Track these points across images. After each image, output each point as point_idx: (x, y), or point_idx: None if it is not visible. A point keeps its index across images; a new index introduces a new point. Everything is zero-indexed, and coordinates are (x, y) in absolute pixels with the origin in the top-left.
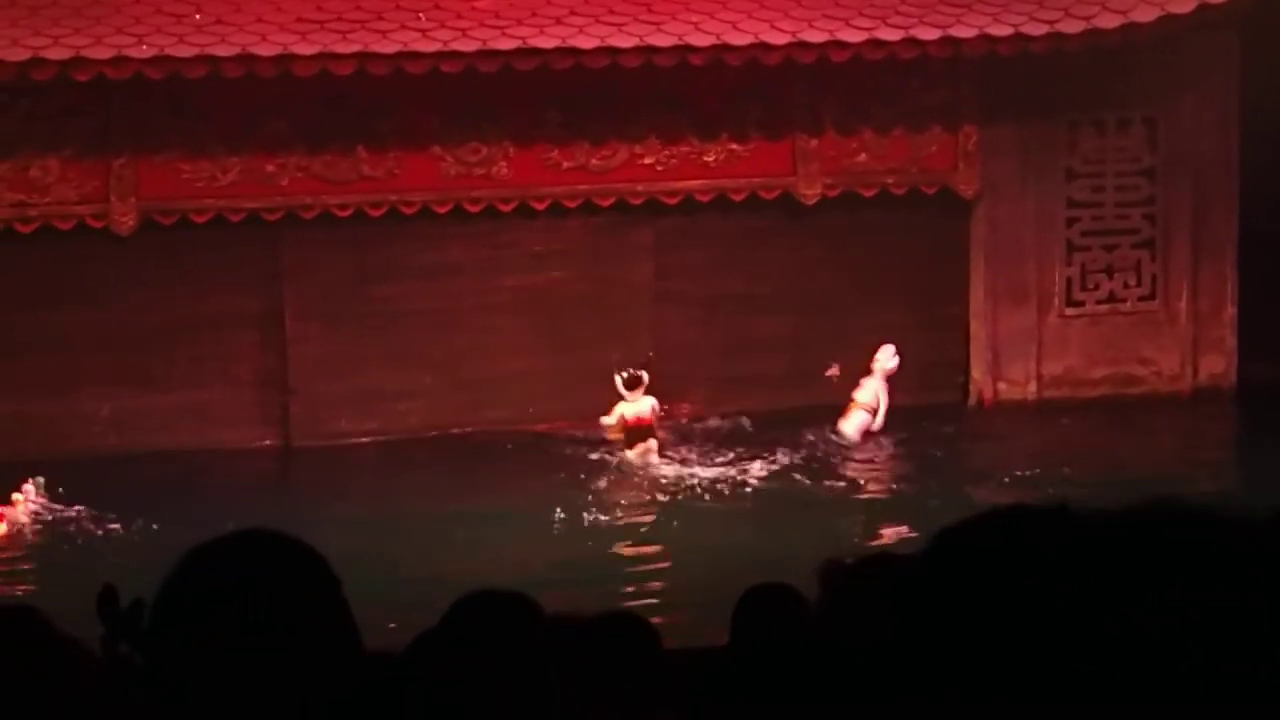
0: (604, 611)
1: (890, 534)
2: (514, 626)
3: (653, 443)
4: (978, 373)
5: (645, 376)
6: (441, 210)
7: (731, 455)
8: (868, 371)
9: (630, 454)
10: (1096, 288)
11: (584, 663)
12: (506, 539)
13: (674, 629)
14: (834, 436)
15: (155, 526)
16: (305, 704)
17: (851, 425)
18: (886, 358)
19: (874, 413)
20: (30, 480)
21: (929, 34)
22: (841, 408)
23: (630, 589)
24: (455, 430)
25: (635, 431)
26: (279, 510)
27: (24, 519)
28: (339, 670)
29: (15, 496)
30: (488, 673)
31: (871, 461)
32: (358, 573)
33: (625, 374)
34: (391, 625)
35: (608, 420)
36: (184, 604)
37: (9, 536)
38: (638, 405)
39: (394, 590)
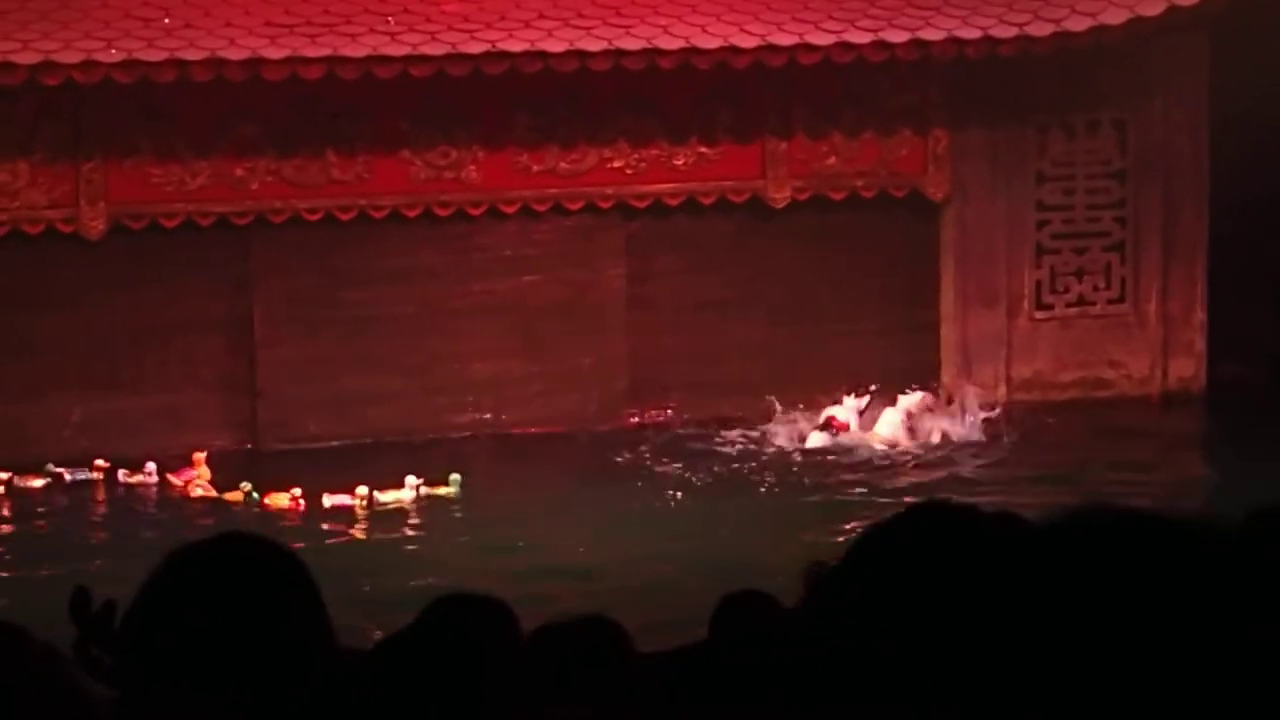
0: (575, 615)
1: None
2: (485, 628)
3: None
4: (947, 376)
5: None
6: (411, 214)
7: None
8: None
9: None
10: (1066, 290)
11: (555, 665)
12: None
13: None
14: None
15: None
16: (279, 702)
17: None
18: (914, 401)
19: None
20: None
21: (898, 37)
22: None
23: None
24: (427, 435)
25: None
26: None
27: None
28: (314, 671)
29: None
30: (459, 672)
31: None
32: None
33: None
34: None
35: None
36: (164, 605)
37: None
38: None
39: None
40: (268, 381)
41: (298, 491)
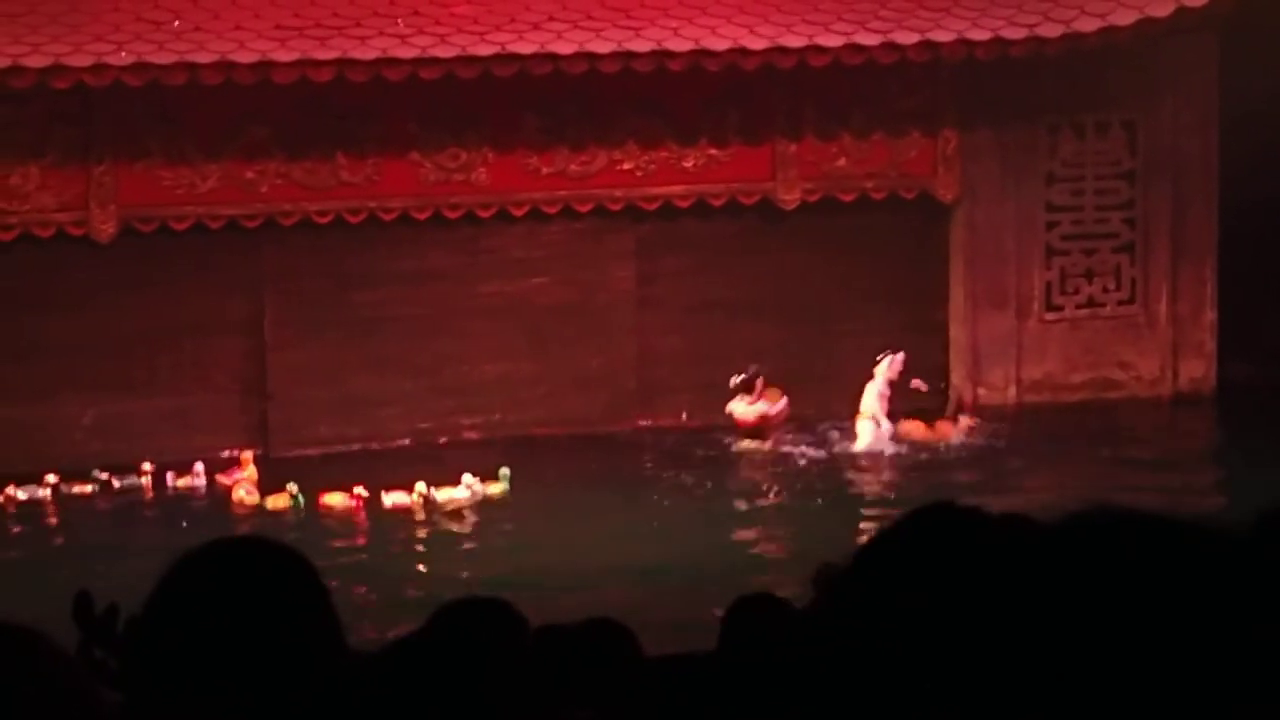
0: (585, 619)
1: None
2: (491, 631)
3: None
4: (957, 377)
5: (756, 383)
6: (421, 216)
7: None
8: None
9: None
10: (1076, 292)
11: (566, 669)
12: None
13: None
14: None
15: None
16: (284, 705)
17: (862, 440)
18: (887, 366)
19: (878, 421)
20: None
21: (908, 38)
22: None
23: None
24: (436, 437)
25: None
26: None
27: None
28: (320, 673)
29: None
30: (463, 675)
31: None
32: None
33: (739, 379)
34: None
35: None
36: (171, 608)
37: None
38: (745, 409)
39: None
40: (278, 384)
41: (361, 491)
